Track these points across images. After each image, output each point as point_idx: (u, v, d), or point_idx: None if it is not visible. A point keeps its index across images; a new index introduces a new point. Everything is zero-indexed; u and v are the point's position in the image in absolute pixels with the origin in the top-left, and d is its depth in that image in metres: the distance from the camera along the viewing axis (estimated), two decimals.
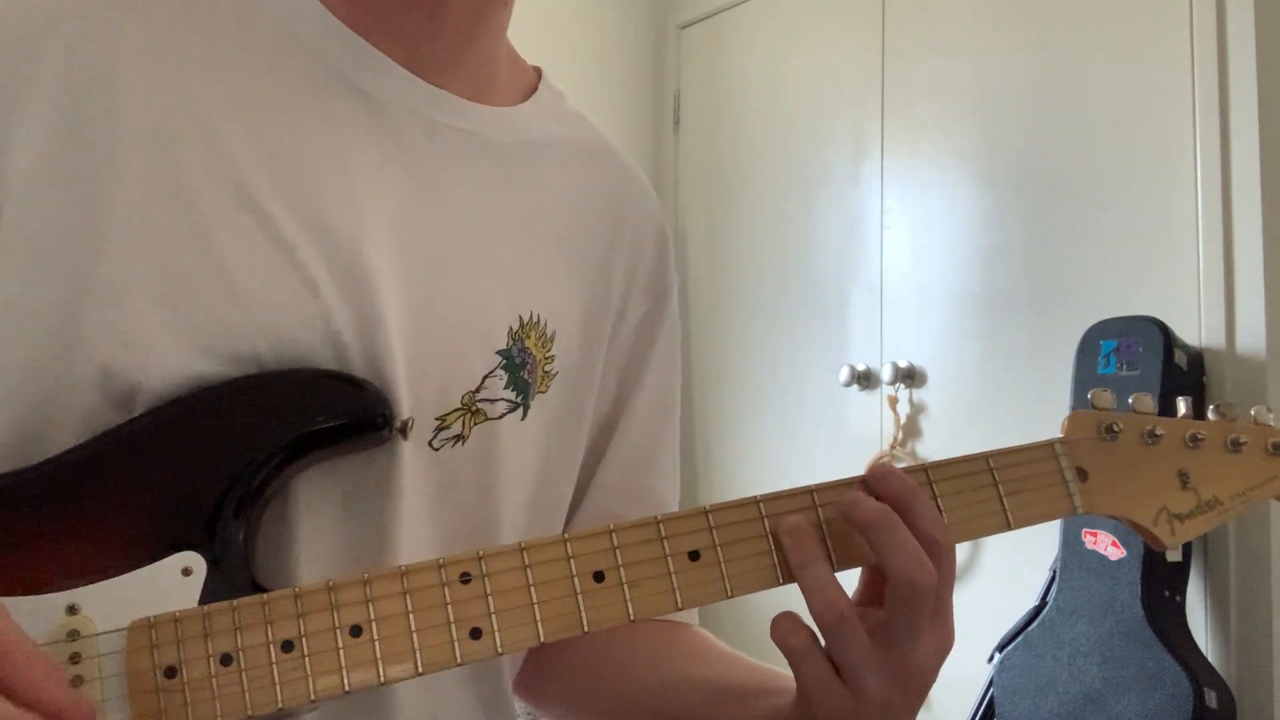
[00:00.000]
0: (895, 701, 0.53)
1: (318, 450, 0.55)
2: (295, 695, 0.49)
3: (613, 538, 0.54)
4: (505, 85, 0.69)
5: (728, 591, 0.54)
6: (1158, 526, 0.62)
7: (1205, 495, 0.63)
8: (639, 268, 0.73)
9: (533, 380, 0.65)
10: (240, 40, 0.59)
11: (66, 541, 0.50)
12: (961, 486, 0.59)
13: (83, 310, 0.52)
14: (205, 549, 0.51)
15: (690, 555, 0.54)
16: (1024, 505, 0.60)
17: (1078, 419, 0.63)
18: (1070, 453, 0.62)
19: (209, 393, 0.53)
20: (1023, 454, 0.61)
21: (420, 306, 0.60)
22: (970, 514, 0.59)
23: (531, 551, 0.53)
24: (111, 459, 0.52)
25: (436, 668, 0.50)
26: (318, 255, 0.56)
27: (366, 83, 0.61)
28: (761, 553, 0.55)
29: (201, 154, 0.55)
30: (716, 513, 0.55)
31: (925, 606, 0.53)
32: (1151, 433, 0.63)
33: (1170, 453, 0.63)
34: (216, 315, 0.54)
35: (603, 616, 0.53)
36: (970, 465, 0.59)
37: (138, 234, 0.53)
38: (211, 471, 0.53)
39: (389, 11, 0.61)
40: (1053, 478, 0.61)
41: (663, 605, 0.54)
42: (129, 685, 0.48)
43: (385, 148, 0.61)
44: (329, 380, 0.56)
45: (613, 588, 0.53)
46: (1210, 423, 0.64)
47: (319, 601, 0.50)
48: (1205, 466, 0.63)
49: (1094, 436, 0.63)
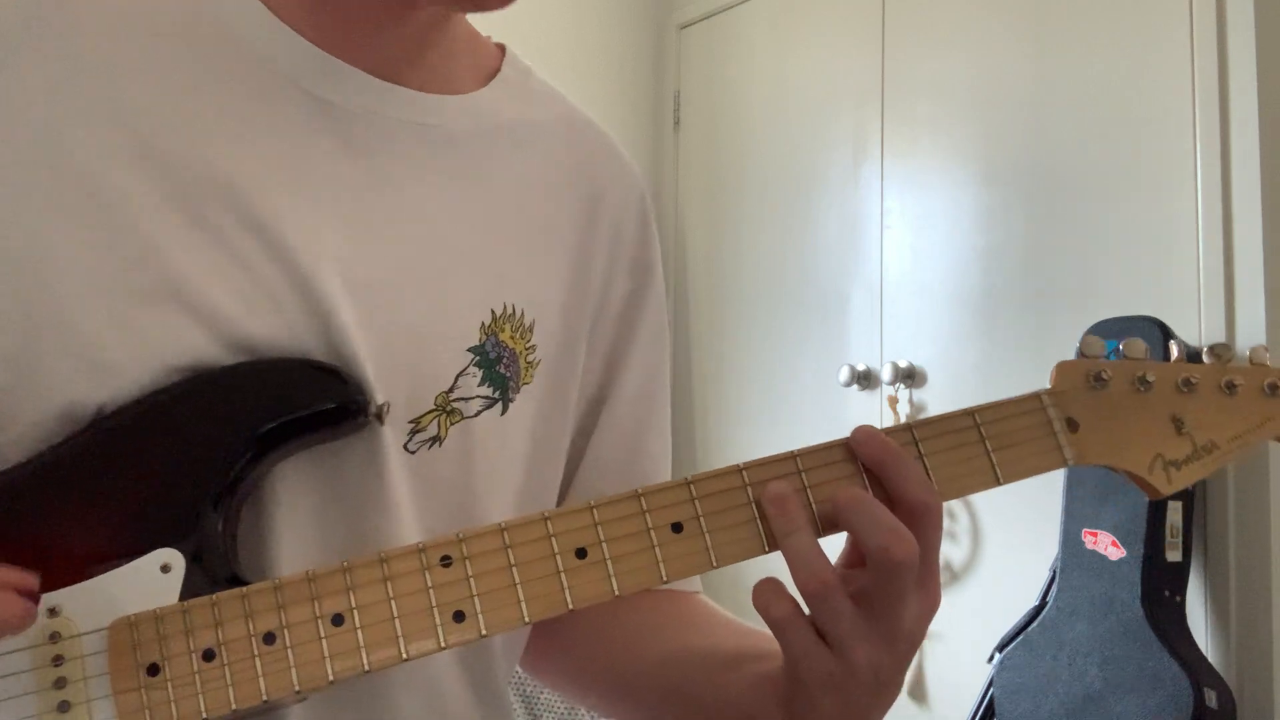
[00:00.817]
0: (883, 665, 0.53)
1: (294, 440, 0.54)
2: (279, 687, 0.49)
3: (594, 513, 0.53)
4: (465, 70, 0.67)
5: (713, 562, 0.54)
6: (1153, 474, 0.60)
7: (1201, 440, 0.61)
8: (620, 245, 0.71)
9: (511, 374, 0.64)
10: (184, 47, 0.58)
11: (44, 544, 0.50)
12: (948, 444, 0.57)
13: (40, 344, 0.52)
14: (184, 545, 0.51)
15: (673, 527, 0.54)
16: (1013, 460, 0.58)
17: (1066, 368, 0.61)
18: (1059, 403, 0.60)
19: (180, 388, 0.53)
20: (1009, 407, 0.59)
21: (384, 309, 0.58)
22: (958, 471, 0.57)
23: (512, 531, 0.52)
24: (85, 460, 0.52)
25: (421, 653, 0.50)
26: (273, 265, 0.56)
27: (314, 84, 0.59)
28: (746, 521, 0.54)
29: (143, 170, 0.55)
30: (698, 483, 0.54)
31: (908, 576, 0.52)
32: (1143, 379, 0.61)
33: (1163, 398, 0.61)
34: (176, 333, 0.53)
35: (587, 593, 0.52)
36: (956, 422, 0.58)
37: (86, 259, 0.53)
38: (186, 466, 0.52)
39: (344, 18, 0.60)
40: (1041, 430, 0.59)
41: (647, 579, 0.53)
42: (113, 685, 0.48)
43: (337, 149, 0.59)
44: (301, 368, 0.55)
45: (596, 564, 0.52)
46: (1203, 366, 0.62)
47: (300, 592, 0.50)
48: (1200, 411, 0.61)
49: (1083, 386, 0.60)
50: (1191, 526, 1.90)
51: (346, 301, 0.57)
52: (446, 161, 0.64)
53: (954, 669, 2.31)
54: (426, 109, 0.63)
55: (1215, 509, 1.93)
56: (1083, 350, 0.61)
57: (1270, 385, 0.62)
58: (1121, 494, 1.90)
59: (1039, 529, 2.08)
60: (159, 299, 0.54)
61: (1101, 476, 1.94)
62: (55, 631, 0.49)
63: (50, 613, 0.49)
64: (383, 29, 0.61)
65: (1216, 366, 0.62)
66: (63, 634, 0.49)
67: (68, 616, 0.49)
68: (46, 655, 0.49)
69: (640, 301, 0.73)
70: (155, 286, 0.54)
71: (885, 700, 0.55)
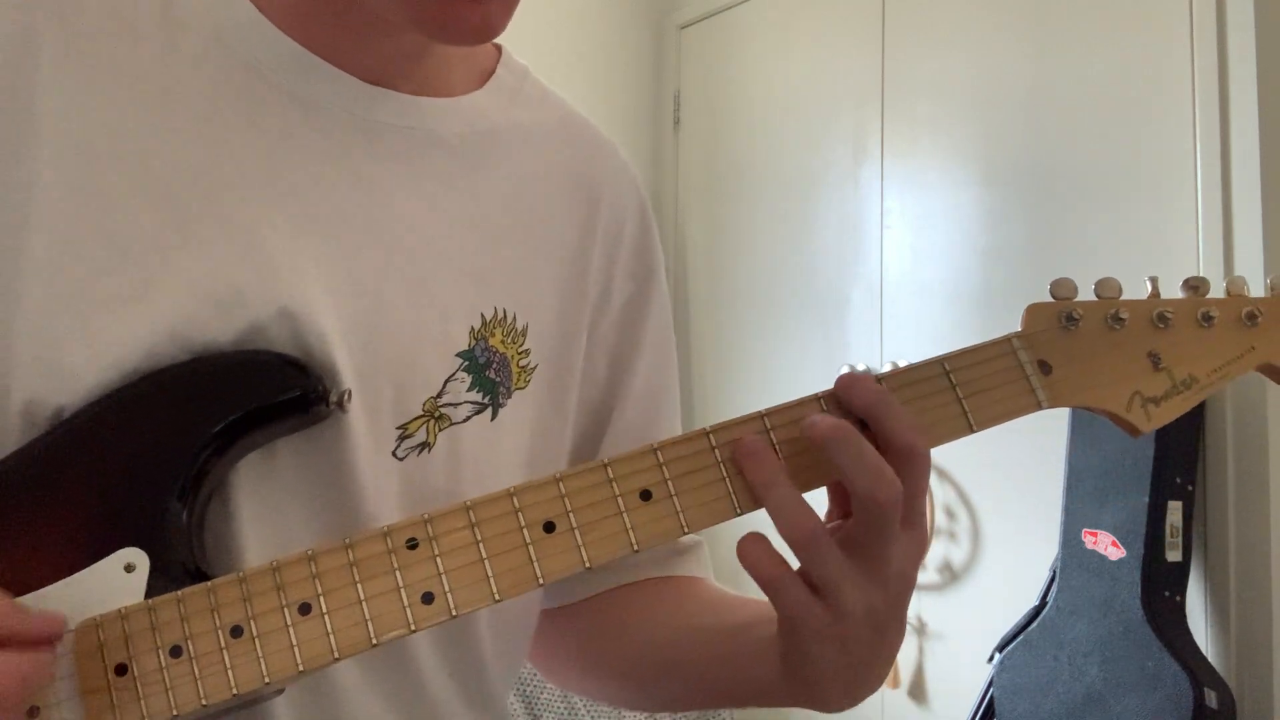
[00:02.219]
0: (878, 607, 0.52)
1: (256, 430, 0.54)
2: (248, 679, 0.48)
3: (560, 485, 0.53)
4: (462, 73, 0.66)
5: (684, 527, 0.53)
6: (1131, 412, 0.58)
7: (1180, 375, 0.59)
8: (619, 248, 0.71)
9: (501, 379, 0.63)
10: (169, 46, 0.57)
11: (7, 550, 0.50)
12: (917, 393, 0.56)
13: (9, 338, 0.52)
14: (147, 543, 0.51)
15: (642, 495, 0.53)
16: (985, 405, 0.57)
17: (1035, 310, 0.60)
18: (1030, 346, 0.58)
19: (137, 387, 0.53)
20: (979, 353, 0.58)
21: (365, 313, 0.58)
22: (930, 420, 0.56)
23: (478, 509, 0.52)
24: (46, 463, 0.51)
25: (391, 637, 0.50)
26: (251, 272, 0.55)
27: (300, 87, 0.59)
28: (714, 482, 0.54)
29: (123, 172, 0.54)
30: (665, 449, 0.54)
31: (893, 517, 0.51)
32: (1115, 316, 0.59)
33: (1137, 335, 0.59)
34: (143, 341, 0.53)
35: (557, 566, 0.51)
36: (924, 371, 0.57)
37: (58, 259, 0.52)
38: (146, 464, 0.52)
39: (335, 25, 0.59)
40: (1013, 374, 0.58)
41: (617, 548, 0.52)
42: (81, 686, 0.48)
43: (320, 152, 0.59)
44: (259, 359, 0.55)
45: (564, 534, 0.52)
46: (1178, 299, 0.60)
47: (265, 582, 0.50)
48: (1177, 345, 0.59)
49: (1054, 327, 0.59)
50: (1191, 526, 1.90)
51: (327, 305, 0.56)
52: (435, 165, 0.63)
53: (954, 669, 2.31)
54: (415, 113, 0.62)
55: (1215, 509, 1.93)
56: (1053, 292, 0.60)
57: (1249, 314, 0.60)
58: (1122, 494, 1.90)
59: (1039, 529, 2.08)
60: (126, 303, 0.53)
61: (1102, 476, 1.94)
62: None
63: None
64: (373, 38, 0.60)
65: (1192, 299, 0.61)
66: None
67: None
68: None
69: (643, 304, 0.72)
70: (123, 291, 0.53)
71: (887, 647, 0.54)
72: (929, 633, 2.37)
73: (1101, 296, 0.60)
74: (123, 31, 0.57)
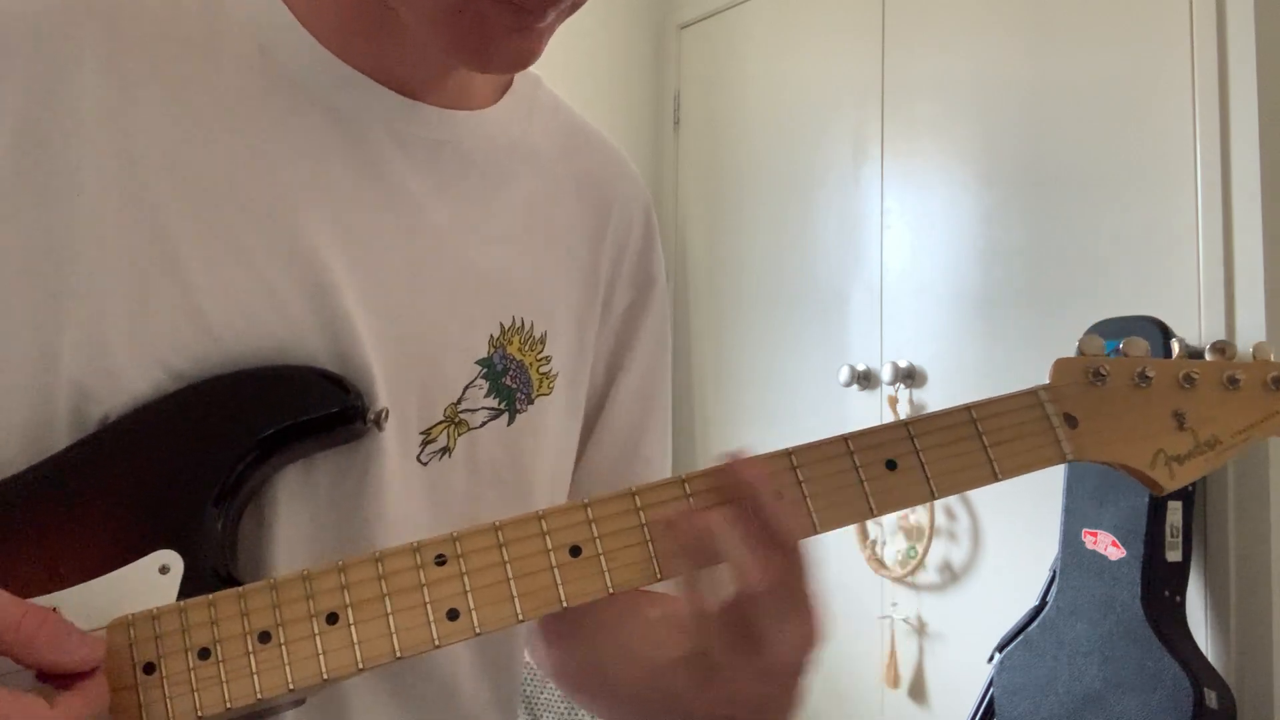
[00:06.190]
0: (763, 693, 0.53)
1: (295, 444, 0.55)
2: (273, 685, 0.49)
3: (588, 511, 0.53)
4: (483, 84, 0.68)
5: None
6: (1155, 470, 0.59)
7: (1204, 435, 0.60)
8: (624, 256, 0.73)
9: (519, 386, 0.64)
10: (209, 55, 0.58)
11: (46, 546, 0.51)
12: (944, 439, 0.57)
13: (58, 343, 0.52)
14: (183, 546, 0.52)
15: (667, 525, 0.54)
16: (1010, 455, 0.58)
17: (1064, 365, 0.61)
18: (1056, 399, 0.59)
19: (183, 394, 0.54)
20: (1006, 403, 0.59)
21: (396, 322, 0.59)
22: (955, 466, 0.57)
23: (506, 530, 0.53)
24: (89, 464, 0.52)
25: (414, 651, 0.51)
26: (288, 277, 0.56)
27: (336, 98, 0.60)
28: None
29: (167, 178, 0.55)
30: (692, 480, 0.55)
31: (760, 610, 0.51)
32: (1142, 374, 0.60)
33: (1163, 394, 0.60)
34: (185, 343, 0.54)
35: (581, 590, 0.52)
36: (952, 418, 0.58)
37: (105, 263, 0.53)
38: (187, 469, 0.53)
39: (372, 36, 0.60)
40: (1039, 425, 0.59)
41: (641, 576, 0.53)
42: (109, 682, 0.49)
43: (356, 164, 0.60)
44: (302, 374, 0.56)
45: (589, 560, 0.53)
46: (1205, 361, 0.61)
47: (295, 591, 0.51)
48: (1202, 406, 0.60)
49: (1081, 382, 0.60)
50: (1191, 526, 1.90)
51: (360, 314, 0.58)
52: (461, 178, 0.64)
53: (954, 669, 2.31)
54: (443, 126, 0.64)
55: (1215, 509, 1.93)
56: (1082, 349, 0.61)
57: (1274, 379, 0.61)
58: (1121, 494, 1.90)
59: (1039, 529, 2.08)
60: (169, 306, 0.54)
61: (1102, 476, 1.94)
62: None
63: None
64: (407, 52, 0.61)
65: (1219, 362, 0.62)
66: None
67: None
68: None
69: (641, 311, 0.74)
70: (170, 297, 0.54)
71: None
72: (929, 633, 2.37)
73: (1129, 354, 0.61)
74: (169, 41, 0.57)
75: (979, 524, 2.30)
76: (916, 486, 0.56)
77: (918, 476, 0.56)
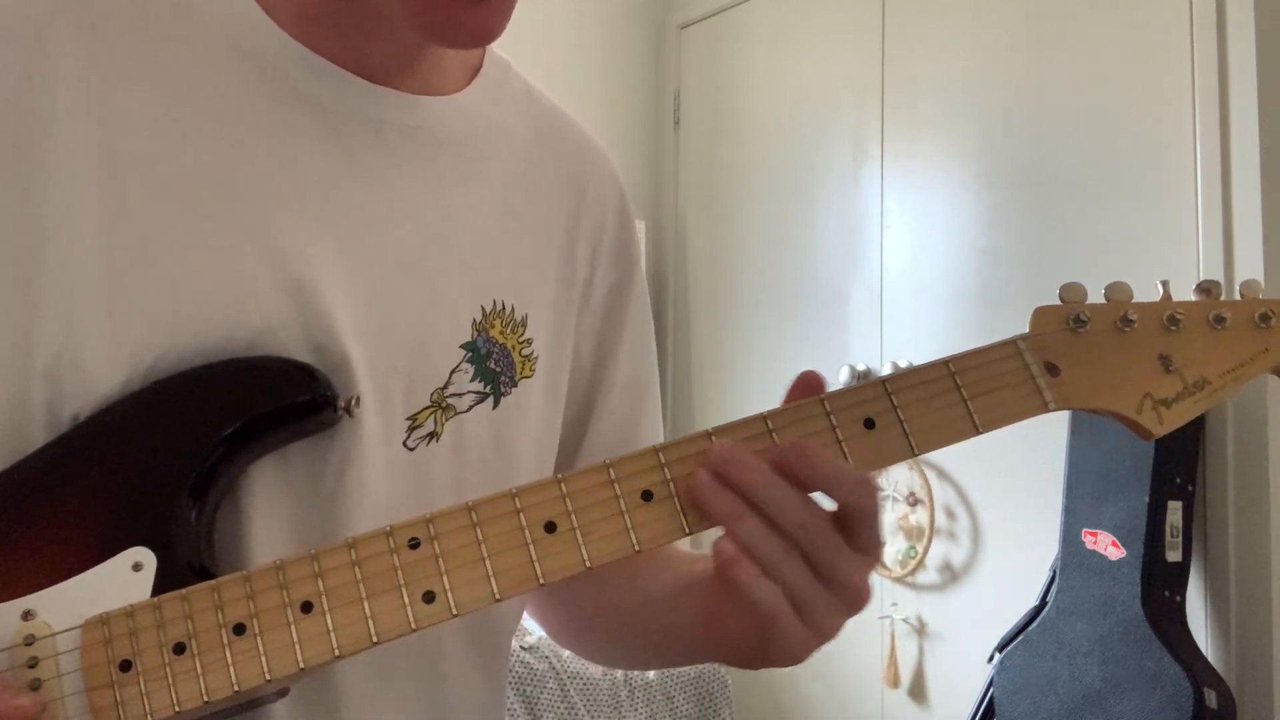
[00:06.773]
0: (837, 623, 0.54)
1: (266, 435, 0.55)
2: (250, 676, 0.49)
3: (561, 486, 0.53)
4: (454, 69, 0.68)
5: (685, 528, 0.53)
6: (1142, 415, 0.57)
7: (1191, 377, 0.58)
8: (602, 238, 0.73)
9: (502, 369, 0.65)
10: (182, 48, 0.58)
11: (21, 549, 0.51)
12: (922, 394, 0.56)
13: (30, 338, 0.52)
14: (156, 543, 0.52)
15: (643, 495, 0.53)
16: (990, 406, 0.56)
17: (1043, 313, 0.59)
18: (1036, 348, 0.58)
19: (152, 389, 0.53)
20: (984, 355, 0.57)
21: (378, 309, 0.59)
22: (935, 421, 0.55)
23: (480, 509, 0.52)
24: (59, 464, 0.52)
25: (391, 636, 0.50)
26: (264, 268, 0.56)
27: (310, 88, 0.60)
28: None
29: (142, 170, 0.55)
30: (667, 449, 0.54)
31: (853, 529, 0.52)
32: (1125, 318, 0.58)
33: (1148, 337, 0.58)
34: (156, 335, 0.54)
35: (557, 566, 0.52)
36: (930, 372, 0.56)
37: (77, 254, 0.53)
38: (157, 465, 0.53)
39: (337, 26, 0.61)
40: (1018, 375, 0.57)
41: (618, 548, 0.53)
42: (86, 681, 0.49)
43: (331, 152, 0.60)
44: (270, 365, 0.55)
45: (565, 534, 0.52)
46: (1189, 302, 0.60)
47: (269, 581, 0.50)
48: (1188, 347, 0.58)
49: (1062, 329, 0.58)
50: (1191, 526, 1.90)
51: (341, 302, 0.58)
52: (437, 163, 0.64)
53: (954, 669, 2.31)
54: (417, 111, 0.64)
55: (1215, 509, 1.93)
56: (1062, 296, 0.59)
57: (1262, 316, 0.59)
58: (1121, 494, 1.90)
59: (1039, 529, 2.08)
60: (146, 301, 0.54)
61: (1102, 476, 1.94)
62: (30, 634, 0.49)
63: (25, 615, 0.50)
64: (373, 38, 0.61)
65: (1205, 301, 0.60)
66: (37, 635, 0.49)
67: (43, 619, 0.50)
68: (21, 657, 0.49)
69: (625, 294, 0.74)
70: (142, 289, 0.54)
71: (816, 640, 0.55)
72: (929, 633, 2.37)
73: (1111, 300, 0.59)
74: (142, 34, 0.58)
75: (979, 524, 2.30)
76: (896, 443, 0.55)
77: (897, 433, 0.55)
